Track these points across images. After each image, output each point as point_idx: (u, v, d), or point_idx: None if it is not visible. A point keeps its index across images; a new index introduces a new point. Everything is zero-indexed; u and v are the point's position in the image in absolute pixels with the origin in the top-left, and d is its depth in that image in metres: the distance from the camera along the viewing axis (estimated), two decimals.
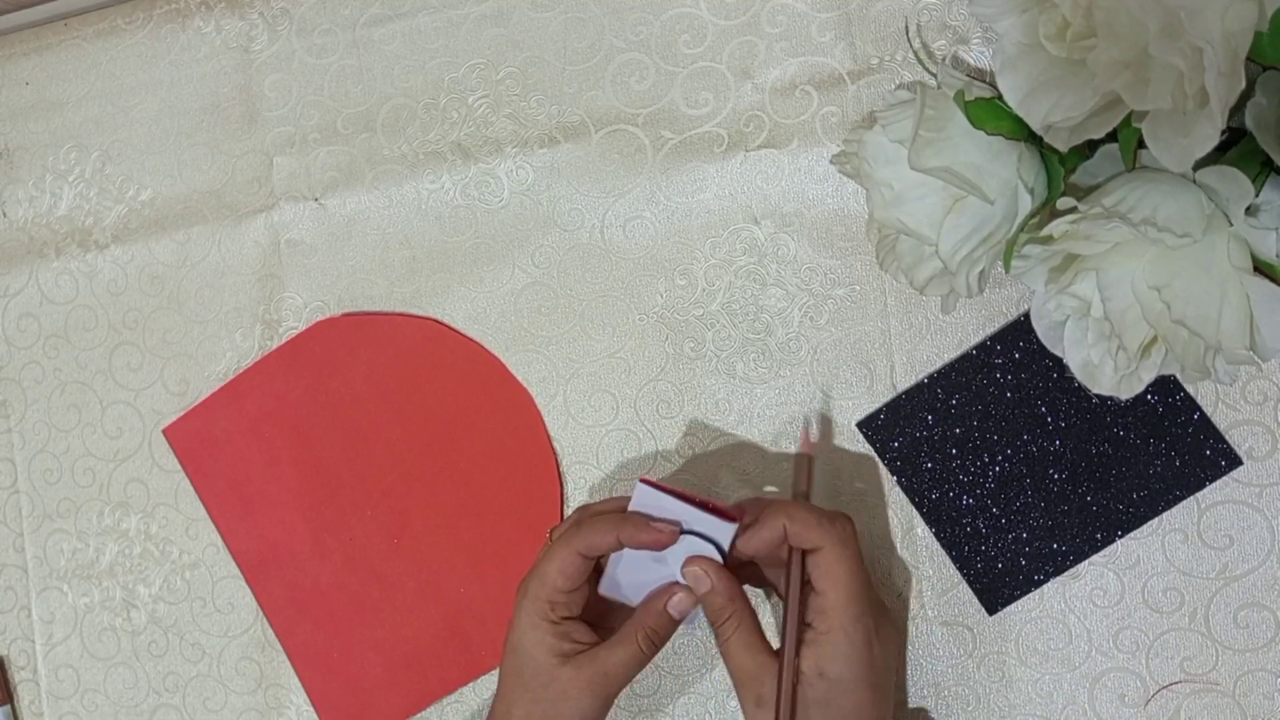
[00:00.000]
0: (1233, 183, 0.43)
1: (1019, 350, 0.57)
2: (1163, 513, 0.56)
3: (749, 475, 0.61)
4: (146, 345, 0.69)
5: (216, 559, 0.68)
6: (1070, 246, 0.46)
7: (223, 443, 0.68)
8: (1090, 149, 0.48)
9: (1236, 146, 0.45)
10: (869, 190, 0.52)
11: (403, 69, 0.65)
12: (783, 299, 0.60)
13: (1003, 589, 0.57)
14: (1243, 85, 0.39)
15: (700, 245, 0.61)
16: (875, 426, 0.59)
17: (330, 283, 0.66)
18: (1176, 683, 0.56)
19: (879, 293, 0.59)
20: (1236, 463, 0.55)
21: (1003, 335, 0.57)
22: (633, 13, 0.62)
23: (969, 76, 0.51)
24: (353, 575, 0.66)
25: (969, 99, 0.48)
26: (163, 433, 0.69)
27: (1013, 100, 0.46)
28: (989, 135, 0.48)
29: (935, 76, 0.52)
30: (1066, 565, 0.57)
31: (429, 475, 0.65)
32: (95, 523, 0.70)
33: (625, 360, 0.62)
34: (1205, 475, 0.55)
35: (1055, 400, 0.57)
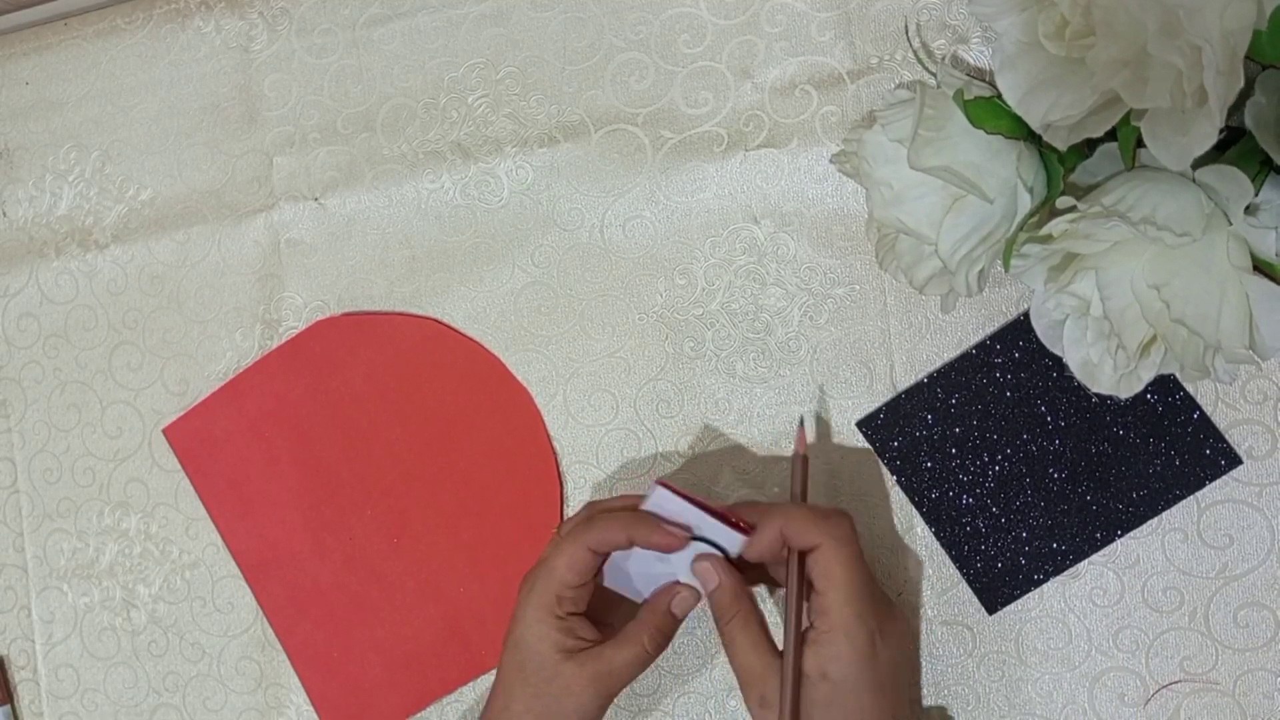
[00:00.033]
0: (1232, 182, 0.43)
1: (1018, 349, 0.57)
2: (1162, 512, 0.56)
3: (749, 474, 0.61)
4: (146, 345, 0.69)
5: (216, 559, 0.68)
6: (1069, 245, 0.46)
7: (223, 442, 0.68)
8: (1089, 148, 0.48)
9: (1236, 145, 0.45)
10: (868, 189, 0.52)
11: (402, 69, 0.65)
12: (782, 298, 0.60)
13: (1002, 588, 0.57)
14: (1241, 84, 0.39)
15: (700, 245, 0.61)
16: (875, 426, 0.59)
17: (330, 282, 0.66)
18: (1176, 682, 0.56)
19: (878, 292, 0.59)
20: (1236, 462, 0.55)
21: (1002, 334, 0.57)
22: (632, 12, 0.62)
23: (968, 76, 0.52)
24: (352, 575, 0.66)
25: (968, 98, 0.48)
26: (163, 432, 0.69)
27: (1012, 99, 0.46)
28: (988, 134, 0.48)
29: (935, 76, 0.52)
30: (1066, 564, 0.57)
31: (429, 475, 0.65)
32: (95, 522, 0.70)
33: (625, 360, 0.62)
34: (1205, 474, 0.55)
35: (1055, 399, 0.57)
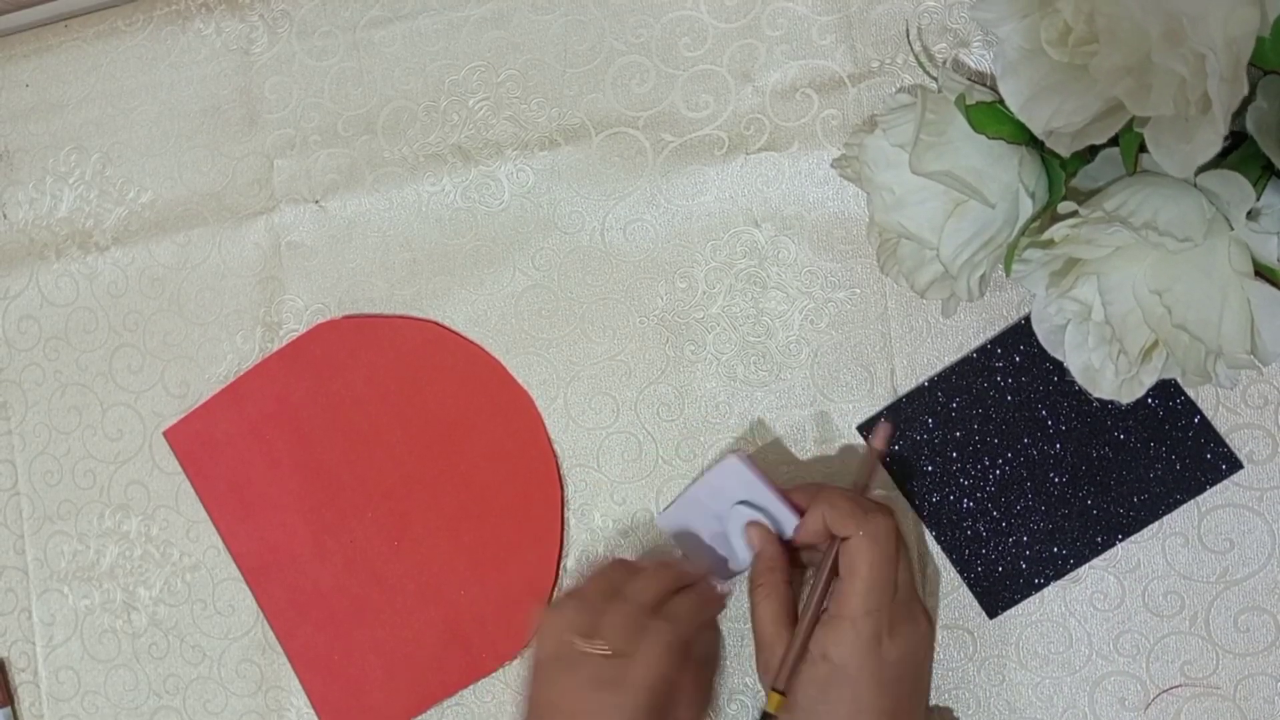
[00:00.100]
0: (1234, 187, 0.43)
1: (1019, 354, 0.57)
2: (1163, 516, 0.56)
3: None
4: (147, 347, 0.69)
5: (217, 561, 0.68)
6: (1071, 250, 0.46)
7: (223, 445, 0.68)
8: (1091, 153, 0.48)
9: (1237, 151, 0.45)
10: (870, 194, 0.52)
11: (403, 71, 0.65)
12: (783, 302, 0.60)
13: (1003, 592, 0.57)
14: (1245, 91, 0.39)
15: (701, 248, 0.61)
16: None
17: (331, 285, 0.66)
18: (1177, 686, 0.56)
19: (879, 296, 0.59)
20: (1237, 466, 0.55)
21: (1003, 339, 0.57)
22: (633, 15, 0.62)
23: (970, 80, 0.51)
24: (353, 577, 0.66)
25: (970, 103, 0.48)
26: (163, 435, 0.69)
27: (1014, 105, 0.46)
28: (990, 139, 0.48)
29: (936, 80, 0.52)
30: (1067, 569, 0.57)
31: (430, 478, 0.65)
32: (96, 525, 0.70)
33: (626, 363, 0.62)
34: (1206, 479, 0.55)
35: (1056, 404, 0.57)
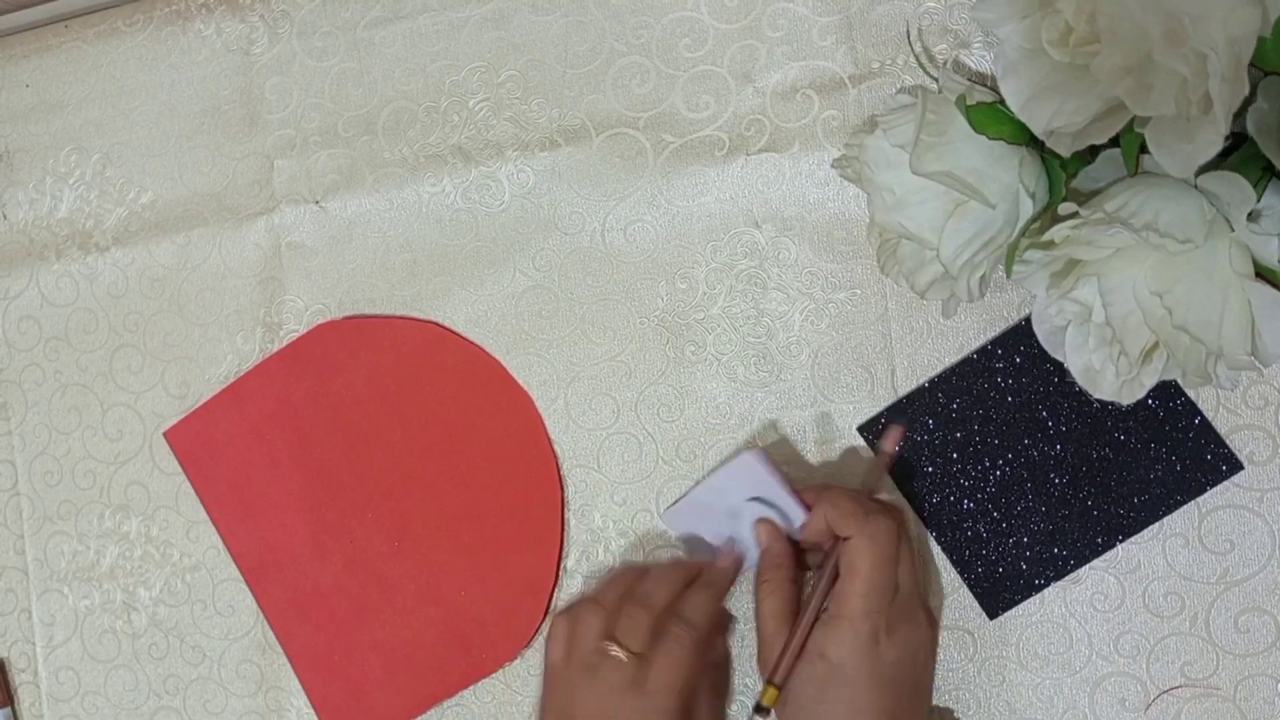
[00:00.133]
0: (1234, 188, 0.43)
1: (1020, 355, 0.57)
2: (1163, 517, 0.56)
3: None
4: (147, 348, 0.69)
5: (217, 561, 0.68)
6: (1072, 251, 0.46)
7: (223, 445, 0.68)
8: (1092, 154, 0.48)
9: (1238, 152, 0.45)
10: (870, 194, 0.52)
11: (403, 72, 0.65)
12: (784, 303, 0.60)
13: (1003, 593, 0.57)
14: (1246, 91, 0.39)
15: (701, 249, 0.61)
16: (876, 430, 0.59)
17: (331, 285, 0.66)
18: (1177, 687, 0.56)
19: (880, 297, 0.59)
20: (1237, 467, 0.55)
21: (1004, 340, 0.57)
22: (634, 16, 0.62)
23: (970, 81, 0.51)
24: (353, 578, 0.66)
25: (970, 103, 0.48)
26: (163, 435, 0.69)
27: (1015, 105, 0.46)
28: (990, 140, 0.48)
29: (937, 81, 0.52)
30: (1067, 570, 0.57)
31: (430, 478, 0.65)
32: (96, 525, 0.70)
33: (626, 364, 0.62)
34: (1206, 480, 0.55)
35: (1056, 405, 0.57)
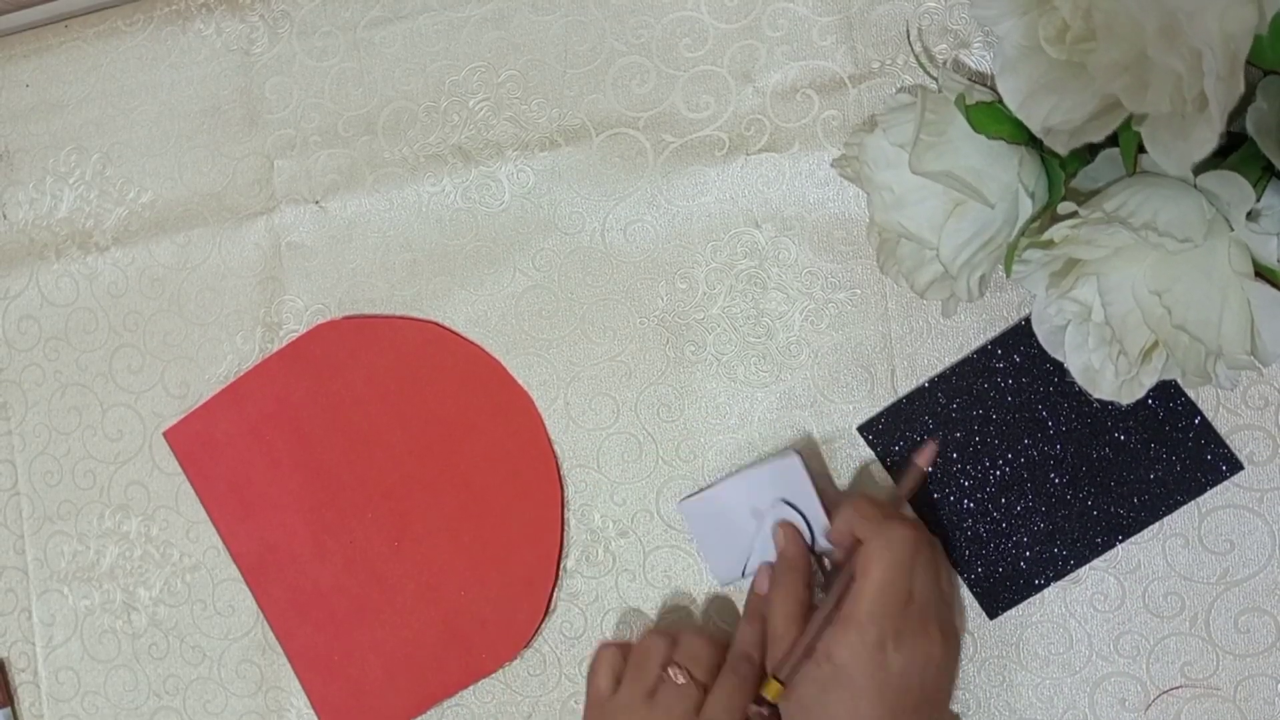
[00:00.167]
0: (1233, 187, 0.43)
1: (1020, 354, 0.57)
2: (1164, 517, 0.56)
3: None
4: (147, 348, 0.69)
5: (217, 561, 0.68)
6: (1071, 251, 0.46)
7: (223, 445, 0.68)
8: (1091, 153, 0.48)
9: (1237, 151, 0.45)
10: (870, 194, 0.52)
11: (403, 72, 0.65)
12: (783, 303, 0.60)
13: (1003, 593, 0.57)
14: (1242, 89, 0.39)
15: (701, 249, 0.61)
16: (876, 430, 0.59)
17: (331, 285, 0.66)
18: (1177, 687, 0.56)
19: (880, 296, 0.59)
20: (1237, 467, 0.55)
21: (1003, 339, 0.57)
22: (634, 16, 0.62)
23: (970, 80, 0.51)
24: (353, 578, 0.66)
25: (970, 103, 0.48)
26: (163, 435, 0.69)
27: (1012, 103, 0.46)
28: (990, 139, 0.48)
29: (936, 80, 0.52)
30: (1067, 570, 0.56)
31: (430, 478, 0.65)
32: (96, 525, 0.70)
33: (626, 364, 0.62)
34: (1206, 480, 0.55)
35: (1056, 404, 0.57)
